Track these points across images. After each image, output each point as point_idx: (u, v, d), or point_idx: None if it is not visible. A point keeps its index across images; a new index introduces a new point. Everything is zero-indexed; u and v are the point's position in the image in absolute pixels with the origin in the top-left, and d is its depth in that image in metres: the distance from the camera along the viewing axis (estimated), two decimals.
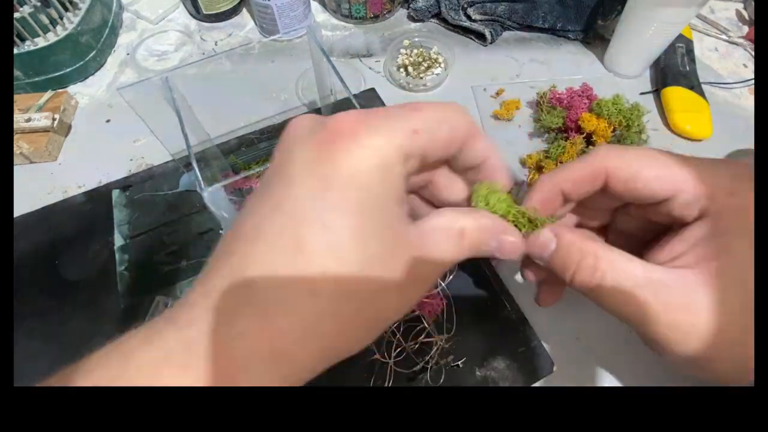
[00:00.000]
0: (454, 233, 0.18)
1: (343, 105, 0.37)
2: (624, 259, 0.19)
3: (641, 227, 0.23)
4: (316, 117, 0.18)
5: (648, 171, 0.19)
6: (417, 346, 0.32)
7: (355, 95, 0.30)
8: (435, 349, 0.32)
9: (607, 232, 0.26)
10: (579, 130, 0.42)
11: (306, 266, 0.15)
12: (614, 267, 0.19)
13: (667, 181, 0.19)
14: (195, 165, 0.26)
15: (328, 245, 0.15)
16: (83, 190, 0.42)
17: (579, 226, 0.25)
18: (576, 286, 0.20)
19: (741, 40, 0.54)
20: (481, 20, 0.53)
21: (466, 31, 0.55)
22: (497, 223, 0.20)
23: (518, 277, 0.36)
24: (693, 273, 0.18)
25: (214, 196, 0.25)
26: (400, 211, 0.17)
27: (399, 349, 0.32)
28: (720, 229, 0.18)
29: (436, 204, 0.22)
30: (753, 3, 0.57)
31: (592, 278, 0.19)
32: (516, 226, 0.21)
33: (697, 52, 0.52)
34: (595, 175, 0.20)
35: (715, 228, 0.18)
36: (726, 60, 0.53)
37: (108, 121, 0.48)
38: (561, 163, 0.41)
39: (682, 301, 0.18)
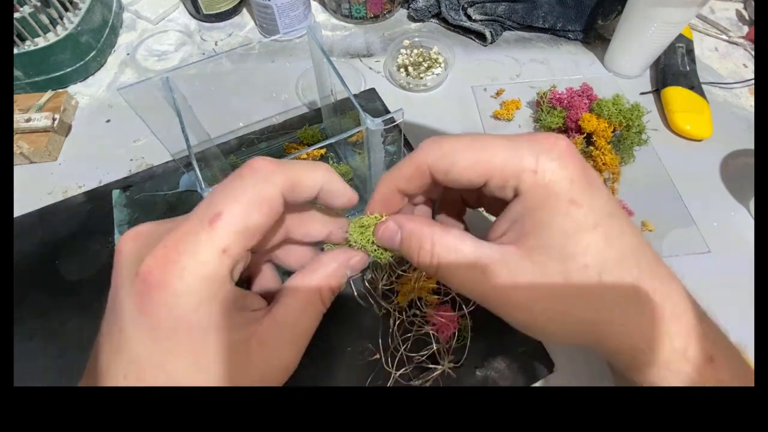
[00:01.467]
0: (311, 298, 0.21)
1: (343, 105, 0.37)
2: (456, 240, 0.20)
3: (486, 204, 0.25)
4: (142, 239, 0.18)
5: (461, 161, 0.20)
6: (422, 359, 0.32)
7: (355, 95, 0.30)
8: (437, 372, 0.32)
9: (460, 212, 0.27)
10: (579, 130, 0.42)
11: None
12: (447, 249, 0.20)
13: (479, 169, 0.20)
14: (195, 165, 0.26)
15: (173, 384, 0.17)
16: (83, 190, 0.42)
17: (441, 212, 0.27)
18: (422, 269, 0.22)
19: (741, 40, 0.54)
20: (481, 20, 0.53)
21: (466, 31, 0.55)
22: (339, 258, 0.22)
23: None
24: (515, 248, 0.20)
25: None
26: (233, 323, 0.18)
27: (404, 368, 0.32)
28: (529, 206, 0.19)
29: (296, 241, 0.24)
30: (753, 3, 0.57)
31: (431, 262, 0.21)
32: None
33: (697, 52, 0.52)
34: (421, 170, 0.21)
35: (526, 205, 0.20)
36: (726, 60, 0.53)
37: (108, 121, 0.48)
38: None
39: (507, 274, 0.19)
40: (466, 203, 0.27)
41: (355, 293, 0.35)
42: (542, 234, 0.19)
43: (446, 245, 0.21)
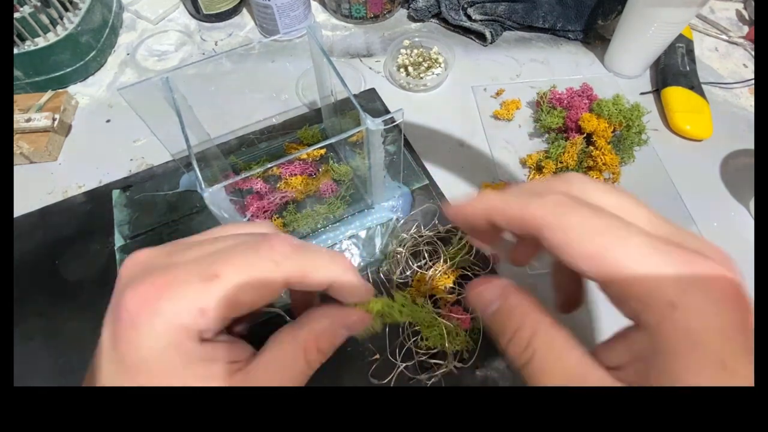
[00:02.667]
0: (294, 358, 0.19)
1: (343, 105, 0.37)
2: (564, 345, 0.16)
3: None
4: (139, 267, 0.18)
5: (578, 246, 0.16)
6: (426, 356, 0.32)
7: (355, 95, 0.30)
8: (442, 370, 0.32)
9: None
10: (579, 130, 0.42)
11: None
12: (548, 349, 0.17)
13: (602, 268, 0.15)
14: (195, 165, 0.26)
15: None
16: (83, 190, 0.42)
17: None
18: (506, 353, 0.18)
19: (741, 40, 0.54)
20: (481, 20, 0.53)
21: (466, 31, 0.55)
22: (333, 314, 0.20)
23: (521, 277, 0.36)
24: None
25: (214, 197, 0.24)
26: (201, 375, 0.17)
27: (409, 361, 0.32)
28: (659, 349, 0.15)
29: None
30: (753, 3, 0.57)
31: (522, 355, 0.17)
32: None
33: (697, 52, 0.52)
34: (524, 225, 0.17)
35: (655, 346, 0.15)
36: (726, 60, 0.53)
37: (108, 121, 0.48)
38: (561, 163, 0.41)
39: None
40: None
41: (369, 280, 0.35)
42: (679, 374, 0.14)
43: (549, 344, 0.17)
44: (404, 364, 0.32)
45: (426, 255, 0.36)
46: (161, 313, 0.16)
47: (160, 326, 0.16)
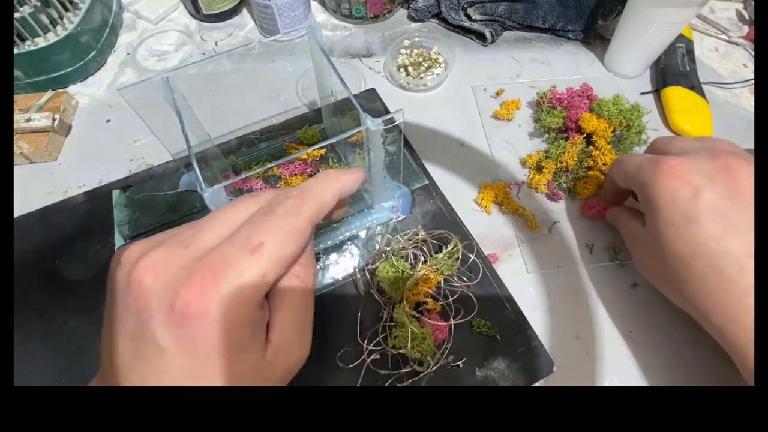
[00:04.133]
0: (301, 298, 0.22)
1: (343, 105, 0.37)
2: (630, 211, 0.35)
3: None
4: (162, 270, 0.18)
5: (616, 168, 0.34)
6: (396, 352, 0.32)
7: (355, 95, 0.30)
8: (404, 369, 0.32)
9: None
10: (579, 130, 0.42)
11: None
12: (627, 219, 0.34)
13: (619, 175, 0.33)
14: (195, 165, 0.26)
15: None
16: (83, 190, 0.42)
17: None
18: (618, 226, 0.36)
19: (741, 40, 0.55)
20: (481, 20, 0.53)
21: (466, 31, 0.55)
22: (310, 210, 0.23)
23: (519, 277, 0.36)
24: None
25: (214, 197, 0.24)
26: (259, 341, 0.20)
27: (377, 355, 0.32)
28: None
29: None
30: (753, 3, 0.57)
31: (617, 223, 0.35)
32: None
33: (697, 52, 0.52)
34: (613, 180, 0.35)
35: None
36: (726, 60, 0.53)
37: (108, 121, 0.48)
38: (561, 163, 0.41)
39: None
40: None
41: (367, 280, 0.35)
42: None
43: (625, 215, 0.34)
44: (373, 351, 0.32)
45: (412, 257, 0.35)
46: (226, 294, 0.18)
47: (228, 305, 0.18)
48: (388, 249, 0.36)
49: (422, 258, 0.35)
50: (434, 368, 0.31)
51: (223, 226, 0.20)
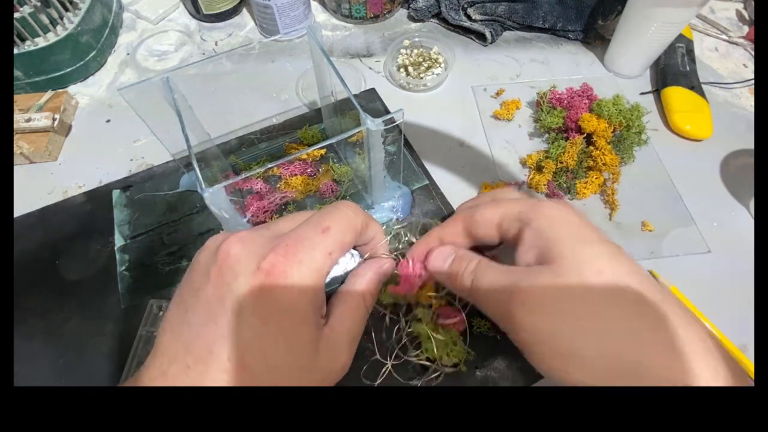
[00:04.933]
0: (358, 303, 0.26)
1: (343, 105, 0.37)
2: (493, 264, 0.25)
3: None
4: (249, 243, 0.22)
5: (482, 212, 0.27)
6: (417, 359, 0.32)
7: (355, 95, 0.30)
8: (435, 374, 0.31)
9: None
10: (579, 130, 0.42)
11: (248, 381, 0.19)
12: (486, 270, 0.25)
13: (495, 213, 0.26)
14: (195, 165, 0.26)
15: (267, 367, 0.20)
16: (83, 190, 0.42)
17: None
18: (459, 290, 0.26)
19: (741, 40, 0.55)
20: (481, 20, 0.53)
21: (466, 31, 0.55)
22: (373, 266, 0.29)
23: None
24: (537, 265, 0.23)
25: (214, 197, 0.24)
26: (316, 321, 0.23)
27: (399, 359, 0.32)
28: (538, 228, 0.23)
29: None
30: (753, 3, 0.57)
31: (468, 278, 0.25)
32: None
33: (697, 52, 0.52)
34: (460, 231, 0.28)
35: (535, 229, 0.23)
36: (726, 60, 0.53)
37: (108, 121, 0.48)
38: (561, 163, 0.41)
39: (529, 279, 0.22)
40: None
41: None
42: (555, 247, 0.22)
43: (485, 266, 0.25)
44: (391, 362, 0.31)
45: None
46: (304, 261, 0.21)
47: (306, 269, 0.21)
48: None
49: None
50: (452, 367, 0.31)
51: (293, 220, 0.24)
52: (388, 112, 0.42)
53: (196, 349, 0.19)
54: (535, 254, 0.23)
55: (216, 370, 0.19)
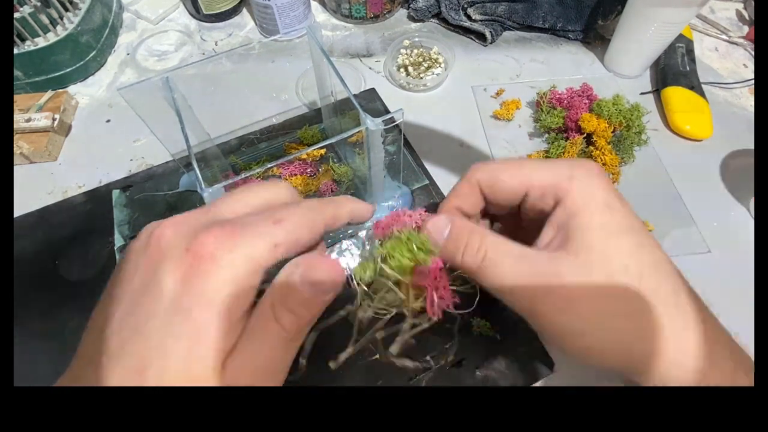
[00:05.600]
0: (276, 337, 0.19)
1: (343, 105, 0.37)
2: (506, 242, 0.22)
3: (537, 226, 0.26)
4: (183, 227, 0.19)
5: (504, 175, 0.23)
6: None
7: (355, 95, 0.30)
8: (413, 328, 0.25)
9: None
10: (579, 130, 0.42)
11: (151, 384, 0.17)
12: (496, 245, 0.21)
13: (519, 181, 0.23)
14: (195, 165, 0.26)
15: (161, 373, 0.17)
16: (83, 190, 0.42)
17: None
18: (464, 266, 0.22)
19: (741, 40, 0.54)
20: (481, 20, 0.53)
21: (466, 31, 0.55)
22: (294, 269, 0.20)
23: None
24: (562, 251, 0.21)
25: (214, 197, 0.24)
26: (232, 329, 0.18)
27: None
28: (570, 210, 0.21)
29: None
30: (753, 3, 0.57)
31: (476, 257, 0.22)
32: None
33: (697, 52, 0.52)
34: (473, 187, 0.24)
35: (566, 210, 0.21)
36: (726, 60, 0.53)
37: (108, 121, 0.48)
38: None
39: (554, 273, 0.20)
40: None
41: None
42: (585, 236, 0.20)
43: (495, 242, 0.22)
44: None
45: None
46: (240, 247, 0.18)
47: (239, 259, 0.18)
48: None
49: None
50: (436, 367, 0.31)
51: (242, 204, 0.21)
52: (388, 112, 0.42)
53: (112, 344, 0.17)
54: (561, 238, 0.21)
55: (120, 368, 0.17)
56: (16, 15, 0.45)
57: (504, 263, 0.21)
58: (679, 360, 0.20)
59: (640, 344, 0.20)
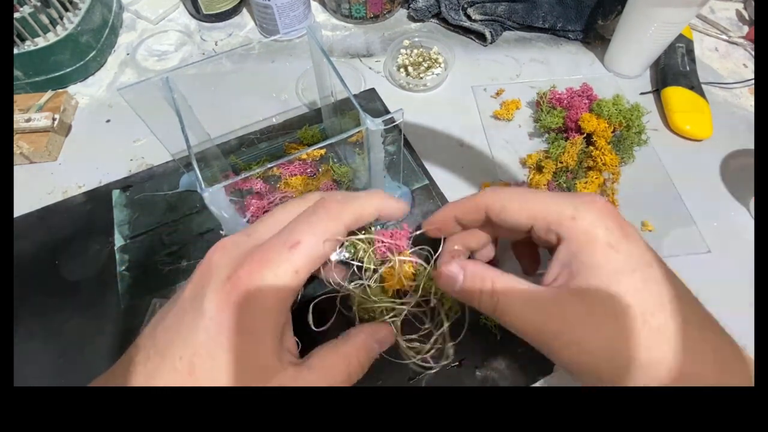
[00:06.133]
0: (337, 370, 0.23)
1: (343, 105, 0.37)
2: (516, 282, 0.23)
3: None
4: (228, 251, 0.22)
5: (511, 204, 0.24)
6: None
7: (355, 95, 0.30)
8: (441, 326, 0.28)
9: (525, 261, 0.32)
10: (579, 130, 0.42)
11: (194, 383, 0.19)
12: (506, 287, 0.23)
13: (524, 213, 0.24)
14: (195, 165, 0.25)
15: (212, 374, 0.19)
16: (83, 190, 0.42)
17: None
18: (482, 311, 0.24)
19: (741, 40, 0.55)
20: (481, 20, 0.53)
21: (466, 31, 0.55)
22: (366, 330, 0.25)
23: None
24: (565, 290, 0.22)
25: (214, 197, 0.24)
26: (271, 349, 0.21)
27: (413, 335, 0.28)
28: (573, 250, 0.22)
29: None
30: (753, 3, 0.57)
31: (490, 302, 0.23)
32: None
33: (697, 52, 0.52)
34: (478, 207, 0.26)
35: (570, 249, 0.22)
36: (726, 60, 0.53)
37: (108, 121, 0.48)
38: (561, 163, 0.41)
39: (559, 313, 0.21)
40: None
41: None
42: (588, 275, 0.21)
43: (505, 283, 0.23)
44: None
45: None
46: (266, 278, 0.21)
47: (267, 288, 0.21)
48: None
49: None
50: (437, 369, 0.30)
51: (276, 222, 0.23)
52: (388, 112, 0.42)
53: (160, 344, 0.20)
54: (567, 275, 0.22)
55: (168, 369, 0.19)
56: (16, 15, 0.45)
57: (514, 307, 0.22)
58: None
59: (645, 373, 0.20)
